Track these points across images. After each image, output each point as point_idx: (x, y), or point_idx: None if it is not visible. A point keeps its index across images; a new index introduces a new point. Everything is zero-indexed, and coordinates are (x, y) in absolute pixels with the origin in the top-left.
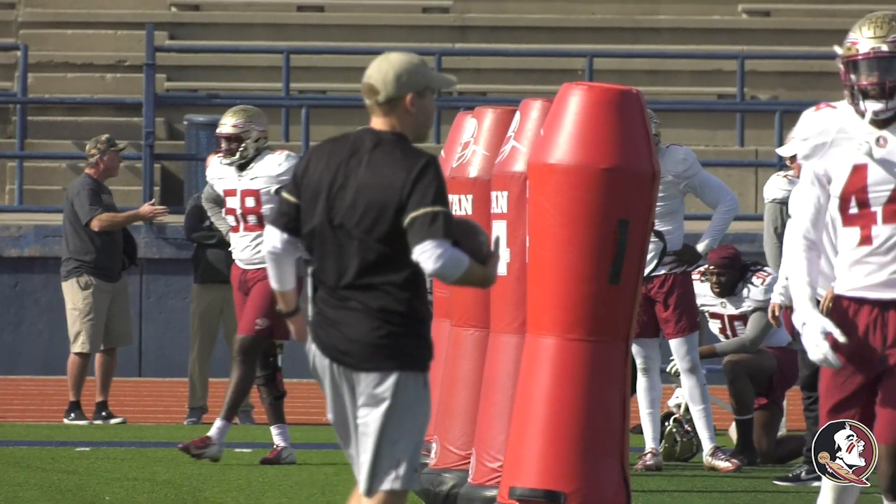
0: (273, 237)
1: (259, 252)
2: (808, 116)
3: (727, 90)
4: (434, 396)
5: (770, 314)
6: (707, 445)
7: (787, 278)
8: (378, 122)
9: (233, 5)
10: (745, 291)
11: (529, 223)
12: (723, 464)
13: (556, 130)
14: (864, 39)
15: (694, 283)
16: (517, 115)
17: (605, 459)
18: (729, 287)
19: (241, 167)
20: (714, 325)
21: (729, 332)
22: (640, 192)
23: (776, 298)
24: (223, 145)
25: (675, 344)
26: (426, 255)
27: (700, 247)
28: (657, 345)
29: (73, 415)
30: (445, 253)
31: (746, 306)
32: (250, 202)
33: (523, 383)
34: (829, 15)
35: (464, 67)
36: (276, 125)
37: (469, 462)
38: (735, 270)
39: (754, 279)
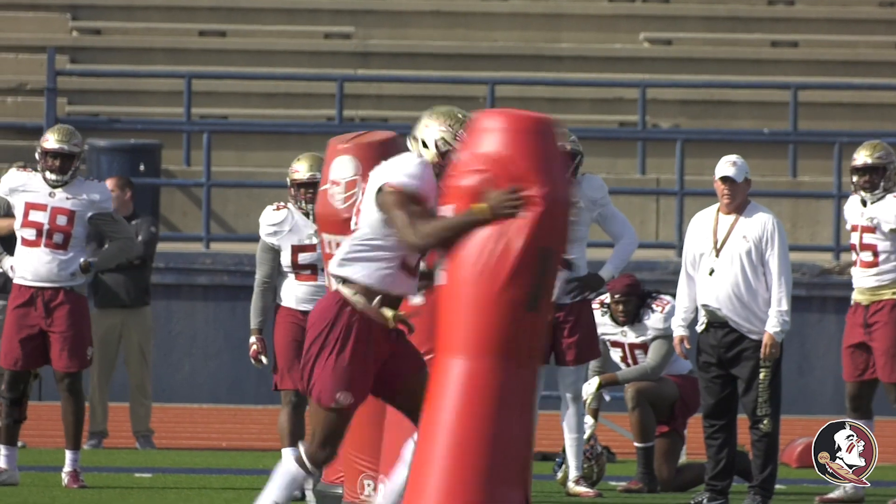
0: None
1: (64, 270)
2: None
3: (628, 118)
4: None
5: (678, 346)
6: (573, 473)
7: (684, 309)
8: None
9: (134, 30)
10: (645, 319)
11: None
12: (584, 489)
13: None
14: None
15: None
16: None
17: (508, 487)
18: (632, 315)
19: (55, 184)
20: (615, 354)
21: (630, 360)
22: (560, 220)
23: (679, 331)
24: (57, 162)
25: (568, 371)
26: None
27: (603, 274)
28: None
29: None
30: None
31: (648, 334)
32: (62, 220)
33: (431, 405)
34: (730, 44)
35: (365, 94)
36: (178, 150)
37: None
38: (637, 297)
39: (654, 306)
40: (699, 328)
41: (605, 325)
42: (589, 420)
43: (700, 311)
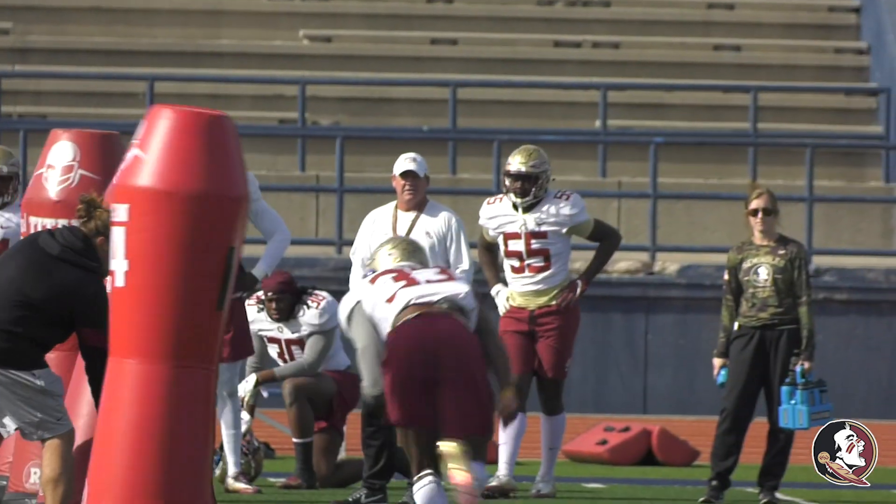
0: None
1: None
2: None
3: (289, 115)
4: None
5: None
6: (231, 469)
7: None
8: None
9: None
10: (300, 315)
11: (130, 247)
12: (243, 486)
13: (148, 153)
14: None
15: (248, 309)
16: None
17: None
18: (287, 312)
19: None
20: (272, 350)
21: (287, 357)
22: (240, 217)
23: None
24: None
25: (223, 368)
26: None
27: (256, 273)
28: None
29: None
30: None
31: (303, 330)
32: None
33: (106, 406)
34: (390, 41)
35: (24, 90)
36: None
37: None
38: (291, 294)
39: (310, 302)
40: None
41: (261, 322)
42: (245, 416)
43: None
